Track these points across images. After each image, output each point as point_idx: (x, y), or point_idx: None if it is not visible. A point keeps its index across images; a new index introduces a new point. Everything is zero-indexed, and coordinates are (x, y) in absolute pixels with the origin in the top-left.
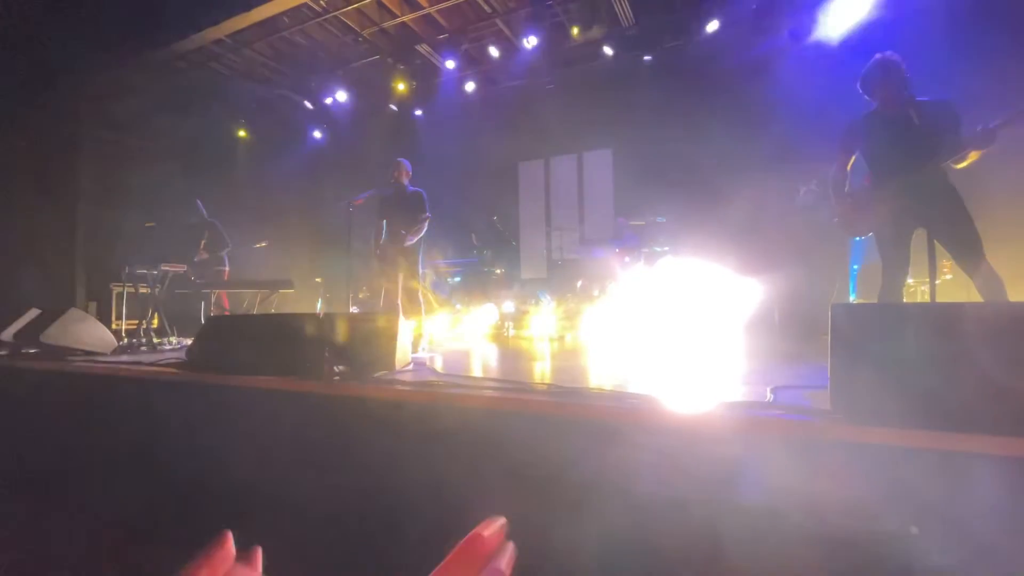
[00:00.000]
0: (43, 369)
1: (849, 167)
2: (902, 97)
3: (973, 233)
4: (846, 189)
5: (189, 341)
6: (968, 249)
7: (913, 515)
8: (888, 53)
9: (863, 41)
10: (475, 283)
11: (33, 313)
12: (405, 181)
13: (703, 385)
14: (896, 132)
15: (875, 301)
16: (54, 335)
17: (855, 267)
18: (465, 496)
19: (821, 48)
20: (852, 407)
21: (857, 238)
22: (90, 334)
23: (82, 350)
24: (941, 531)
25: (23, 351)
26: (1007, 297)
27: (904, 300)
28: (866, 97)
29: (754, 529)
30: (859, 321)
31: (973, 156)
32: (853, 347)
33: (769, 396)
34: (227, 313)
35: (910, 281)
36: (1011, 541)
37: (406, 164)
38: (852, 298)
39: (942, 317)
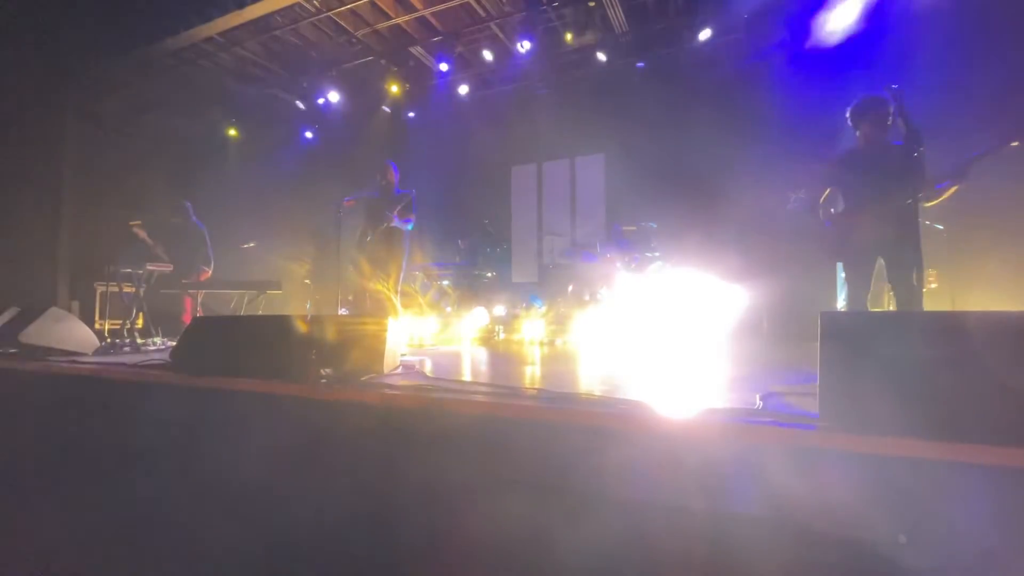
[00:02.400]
0: (22, 370)
1: (823, 199)
2: (883, 138)
3: (917, 262)
4: (821, 215)
5: (174, 342)
6: (905, 272)
7: (901, 524)
8: (881, 94)
9: (854, 50)
10: (466, 286)
11: (13, 311)
12: (393, 184)
13: (692, 391)
14: (873, 172)
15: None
16: (33, 334)
17: (842, 274)
18: (454, 501)
19: (812, 57)
20: (841, 414)
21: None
22: (71, 334)
23: (63, 350)
24: (929, 540)
25: (1, 351)
26: None
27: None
28: (851, 126)
29: (742, 537)
30: (848, 328)
31: (948, 192)
32: (842, 354)
33: (758, 403)
34: (186, 320)
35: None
36: (1000, 551)
37: (393, 167)
38: (840, 305)
39: (932, 325)
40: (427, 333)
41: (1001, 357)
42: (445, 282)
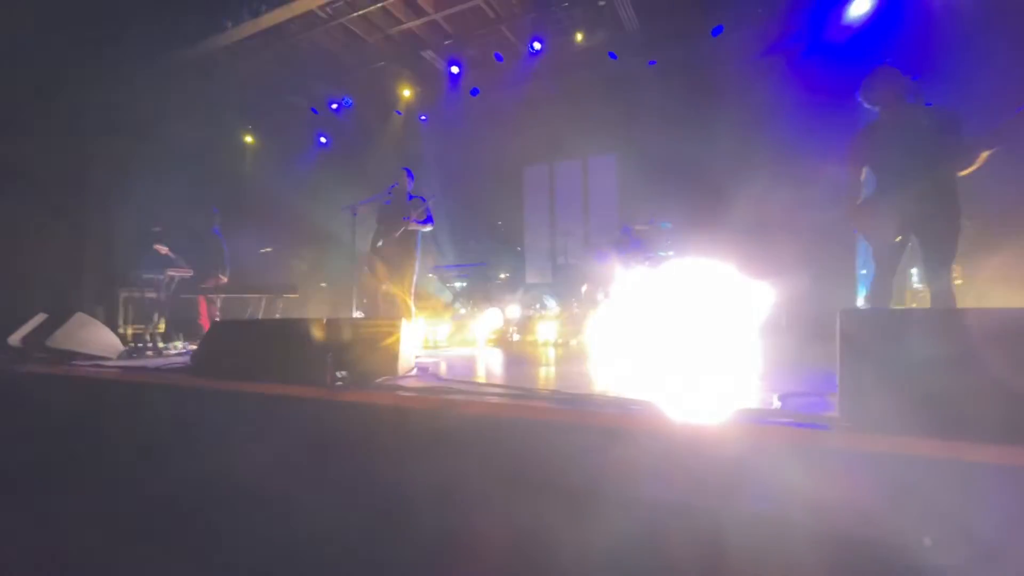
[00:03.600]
0: (49, 373)
1: (862, 177)
2: (905, 103)
3: (951, 248)
4: (859, 201)
5: (195, 346)
6: (940, 260)
7: (925, 526)
8: (887, 63)
9: (869, 43)
10: (480, 288)
11: (40, 317)
12: (406, 190)
13: (709, 391)
14: (904, 138)
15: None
16: (60, 339)
17: (862, 271)
18: (468, 502)
19: (827, 51)
20: (861, 415)
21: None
22: (96, 338)
23: (88, 354)
24: (954, 543)
25: (30, 355)
26: None
27: (891, 300)
28: (867, 106)
29: (761, 538)
30: (868, 326)
31: (980, 160)
32: (862, 353)
33: (776, 403)
34: (203, 323)
35: (919, 287)
36: None
37: (408, 173)
38: (860, 300)
39: (954, 323)
40: (441, 335)
41: None
42: (459, 284)
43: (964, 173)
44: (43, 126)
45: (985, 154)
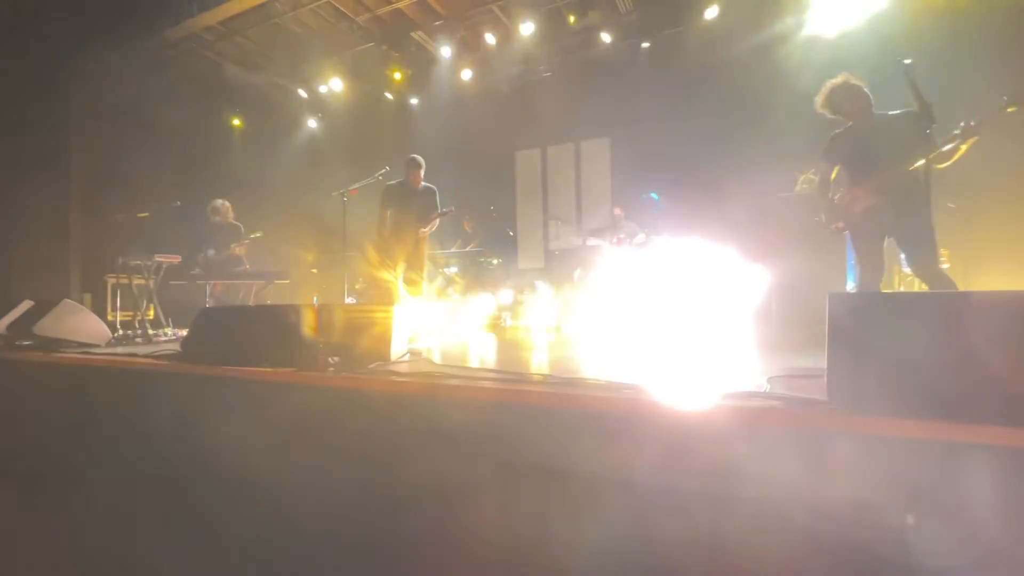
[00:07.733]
0: (36, 361)
1: (833, 176)
2: (871, 112)
3: (931, 241)
4: (829, 195)
5: (185, 332)
6: (924, 254)
7: (910, 506)
8: (847, 75)
9: (862, 29)
10: (472, 273)
11: (27, 305)
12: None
13: (699, 375)
14: (872, 143)
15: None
16: (47, 327)
17: (851, 261)
18: (461, 487)
19: (821, 35)
20: (849, 397)
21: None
22: (84, 325)
23: (76, 342)
24: (939, 522)
25: (16, 343)
26: None
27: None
28: (829, 116)
29: (750, 519)
30: (856, 310)
31: (960, 152)
32: (850, 337)
33: (766, 386)
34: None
35: (907, 270)
36: (1011, 533)
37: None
38: (849, 287)
39: (941, 306)
40: (434, 320)
41: (1013, 338)
42: (451, 269)
43: (943, 166)
44: (26, 112)
45: (963, 149)
